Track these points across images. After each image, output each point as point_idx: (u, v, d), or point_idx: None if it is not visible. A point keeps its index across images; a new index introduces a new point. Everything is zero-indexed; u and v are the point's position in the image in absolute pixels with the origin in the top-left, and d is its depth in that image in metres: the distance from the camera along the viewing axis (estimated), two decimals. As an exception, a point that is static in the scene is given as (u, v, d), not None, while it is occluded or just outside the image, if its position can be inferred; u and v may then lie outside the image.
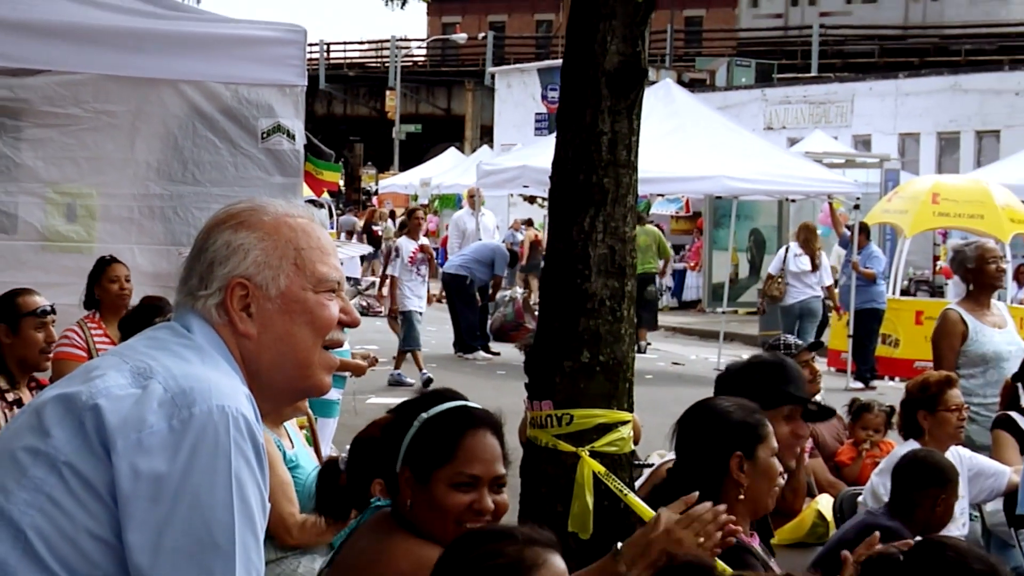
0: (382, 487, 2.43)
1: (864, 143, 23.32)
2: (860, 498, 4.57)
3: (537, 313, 4.49)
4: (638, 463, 4.68)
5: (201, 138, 5.55)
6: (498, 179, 13.75)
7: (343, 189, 25.88)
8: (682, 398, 3.80)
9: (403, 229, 12.66)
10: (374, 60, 42.29)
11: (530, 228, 19.36)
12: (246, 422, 1.61)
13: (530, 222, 19.78)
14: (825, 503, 5.01)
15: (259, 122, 5.59)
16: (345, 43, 47.39)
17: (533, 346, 4.28)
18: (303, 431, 4.36)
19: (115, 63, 5.31)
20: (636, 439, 4.44)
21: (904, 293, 14.54)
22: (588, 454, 4.00)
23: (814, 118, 24.16)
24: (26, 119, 5.34)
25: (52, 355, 4.44)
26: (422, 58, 43.12)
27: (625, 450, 4.13)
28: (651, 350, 14.33)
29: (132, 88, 5.46)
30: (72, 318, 5.10)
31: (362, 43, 44.78)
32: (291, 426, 4.03)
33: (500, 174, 13.64)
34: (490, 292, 13.98)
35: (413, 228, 12.03)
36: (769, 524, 3.19)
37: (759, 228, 18.86)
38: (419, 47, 43.30)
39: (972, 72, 23.48)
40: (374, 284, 16.36)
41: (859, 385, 11.75)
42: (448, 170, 26.27)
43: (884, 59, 30.53)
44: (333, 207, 16.77)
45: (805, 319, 12.24)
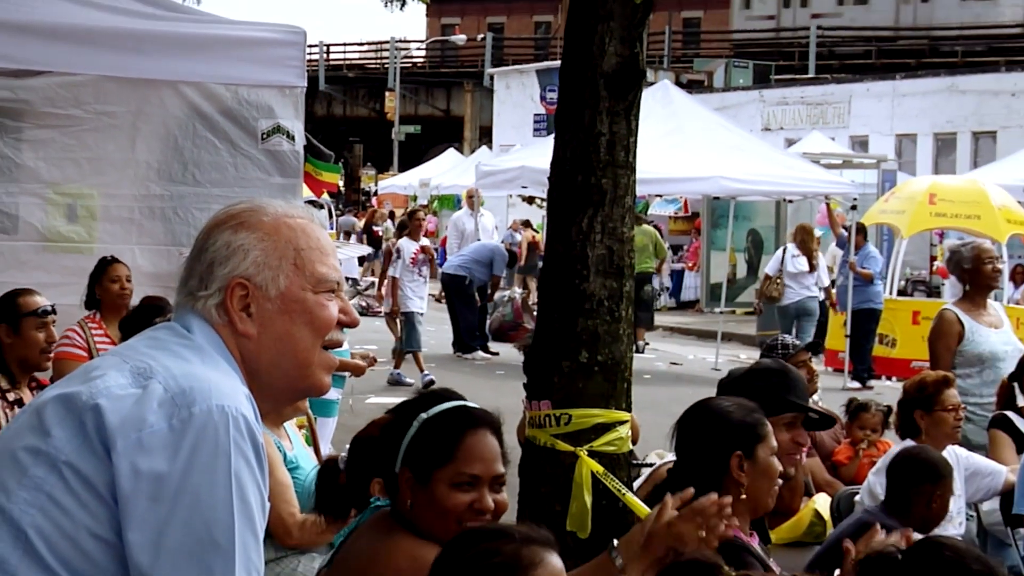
0: (381, 487, 2.43)
1: (861, 144, 23.33)
2: (857, 497, 4.58)
3: (536, 313, 4.49)
4: (636, 463, 4.69)
5: (201, 139, 5.54)
6: (497, 180, 13.76)
7: (342, 190, 25.85)
8: (680, 398, 3.81)
9: (402, 230, 12.65)
10: (373, 61, 42.26)
11: (527, 229, 19.36)
12: (246, 422, 1.62)
13: (528, 223, 19.78)
14: (822, 502, 5.01)
15: (259, 123, 5.58)
16: (345, 44, 47.57)
17: (532, 346, 4.28)
18: (302, 431, 4.36)
19: (115, 64, 5.31)
20: (634, 439, 4.45)
21: (901, 293, 14.54)
22: (586, 454, 4.01)
23: (811, 119, 24.17)
24: (27, 120, 5.33)
25: (53, 355, 4.45)
26: (421, 59, 43.09)
27: (623, 450, 4.14)
28: (649, 350, 14.34)
29: (132, 89, 5.44)
30: (73, 318, 5.10)
31: (361, 44, 44.77)
32: (291, 427, 4.03)
33: (499, 175, 13.65)
34: (488, 292, 13.99)
35: (414, 229, 12.01)
36: (765, 525, 3.21)
37: (757, 229, 18.88)
38: (418, 48, 43.30)
39: (969, 73, 23.49)
40: (373, 284, 16.35)
41: (856, 385, 11.76)
42: (447, 171, 26.25)
43: (880, 60, 30.56)
44: (332, 208, 16.78)
45: (802, 319, 12.29)
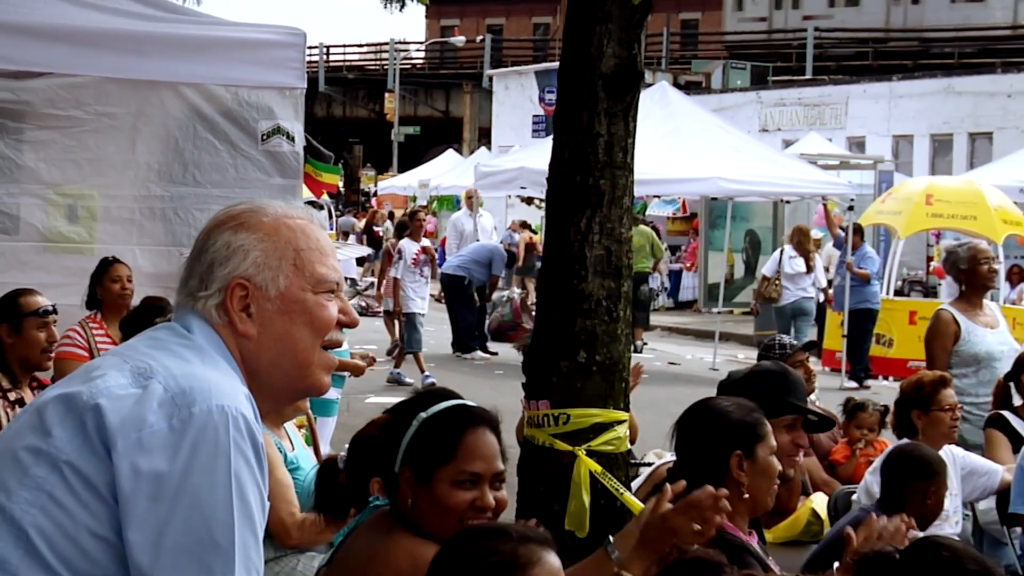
0: (380, 486, 2.43)
1: (858, 145, 23.34)
2: (854, 496, 4.59)
3: (534, 313, 4.51)
4: (634, 462, 4.70)
5: (201, 140, 5.55)
6: (496, 180, 13.78)
7: (342, 190, 25.86)
8: (678, 397, 3.84)
9: (400, 230, 12.66)
10: (373, 63, 42.24)
11: (524, 230, 19.39)
12: (245, 422, 1.62)
13: (525, 224, 19.81)
14: (819, 502, 5.02)
15: (259, 124, 5.59)
16: (344, 46, 47.54)
17: (530, 346, 4.29)
18: (302, 430, 4.37)
19: (116, 66, 5.31)
20: (632, 438, 4.46)
21: (898, 293, 14.58)
22: (585, 453, 4.03)
23: (809, 120, 24.20)
24: (28, 121, 5.33)
25: (54, 355, 4.46)
26: (421, 61, 43.06)
27: (621, 449, 4.15)
28: (647, 350, 14.36)
29: (133, 90, 5.45)
30: (73, 319, 5.11)
31: (361, 46, 44.78)
32: (291, 428, 4.03)
33: (498, 175, 13.68)
34: (487, 293, 14.00)
35: (415, 230, 12.03)
36: (760, 524, 3.22)
37: (754, 229, 18.92)
38: (418, 50, 43.25)
39: (965, 75, 23.51)
40: (373, 285, 16.37)
41: (853, 384, 11.79)
42: (446, 171, 26.24)
43: (877, 62, 30.60)
44: (332, 209, 16.79)
45: (798, 319, 12.33)
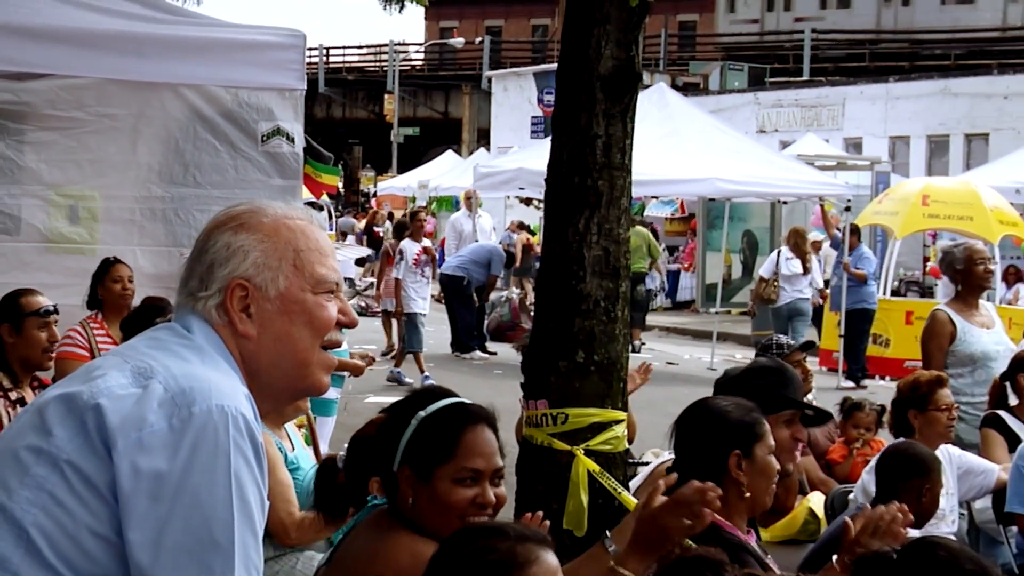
0: (379, 485, 2.44)
1: (855, 146, 23.39)
2: (851, 496, 4.61)
3: (533, 313, 4.53)
4: (632, 461, 4.72)
5: (202, 141, 5.57)
6: (494, 181, 13.82)
7: (342, 191, 25.85)
8: (676, 397, 3.87)
9: (398, 231, 12.69)
10: (373, 64, 42.25)
11: (522, 232, 19.42)
12: (245, 421, 1.62)
13: (523, 226, 19.84)
14: (817, 501, 5.03)
15: (259, 125, 5.61)
16: (344, 47, 47.59)
17: (529, 346, 4.31)
18: (302, 430, 4.39)
19: (117, 67, 5.33)
20: (630, 438, 4.48)
21: (894, 294, 14.61)
22: (583, 452, 4.04)
23: (806, 121, 24.24)
24: (29, 122, 5.35)
25: (55, 354, 4.48)
26: (420, 62, 43.07)
27: (619, 449, 4.17)
28: (645, 350, 14.38)
29: (134, 92, 5.47)
30: (74, 319, 5.12)
31: (361, 47, 44.86)
32: (291, 428, 4.04)
33: (496, 176, 13.71)
34: (485, 293, 14.02)
35: (416, 230, 12.05)
36: (756, 523, 3.24)
37: (752, 230, 18.94)
38: (417, 51, 43.25)
39: (961, 76, 23.55)
40: (372, 285, 16.39)
41: (850, 384, 11.82)
42: (445, 172, 26.24)
43: (874, 63, 30.64)
44: (332, 209, 16.80)
45: (795, 319, 12.36)
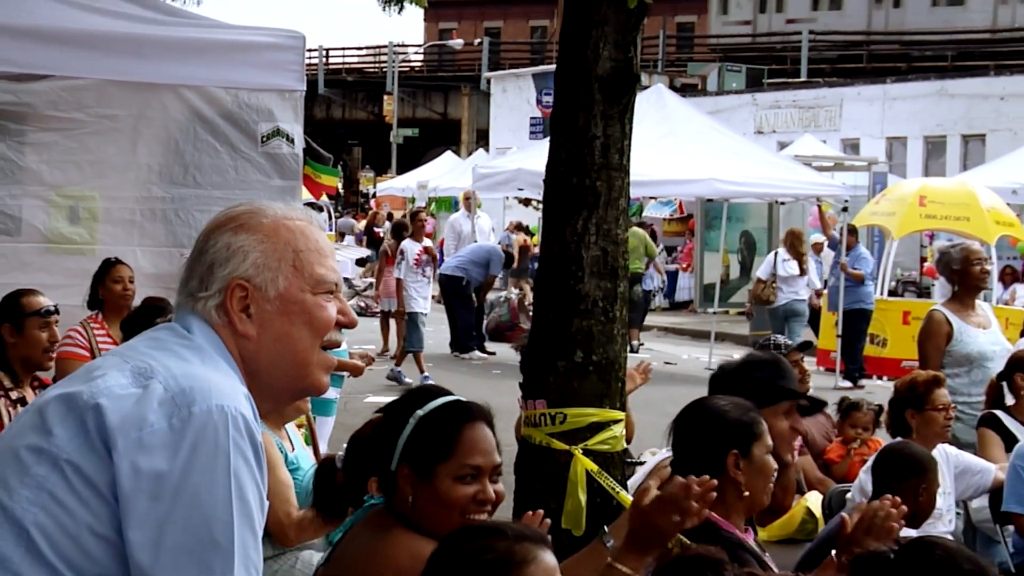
0: (377, 485, 2.45)
1: (852, 147, 23.43)
2: (848, 495, 4.63)
3: (532, 314, 4.55)
4: (630, 461, 4.74)
5: (202, 142, 5.58)
6: (493, 182, 13.83)
7: (341, 192, 25.85)
8: (674, 397, 3.88)
9: (396, 231, 12.71)
10: (372, 65, 42.25)
11: (519, 233, 19.43)
12: (245, 421, 1.63)
13: (520, 226, 19.85)
14: (814, 500, 5.05)
15: (259, 126, 5.62)
16: (344, 49, 47.59)
17: (528, 346, 4.33)
18: (301, 430, 4.40)
19: (117, 68, 5.34)
20: (629, 437, 4.50)
21: (892, 294, 14.63)
22: (581, 452, 4.07)
23: (803, 122, 24.28)
24: (30, 123, 5.36)
25: (55, 354, 4.49)
26: (419, 63, 43.07)
27: (617, 448, 4.19)
28: (644, 350, 14.42)
29: (134, 93, 5.48)
30: (75, 319, 5.12)
31: (360, 49, 44.89)
32: (291, 428, 4.05)
33: (495, 177, 13.73)
34: (481, 292, 14.03)
35: (417, 230, 12.09)
36: (754, 522, 3.26)
37: (749, 230, 18.97)
38: (416, 53, 43.25)
39: (958, 77, 23.59)
40: (372, 285, 16.41)
41: (848, 384, 11.84)
42: (444, 173, 26.23)
43: (871, 64, 30.68)
44: (331, 210, 16.79)
45: (791, 320, 12.40)
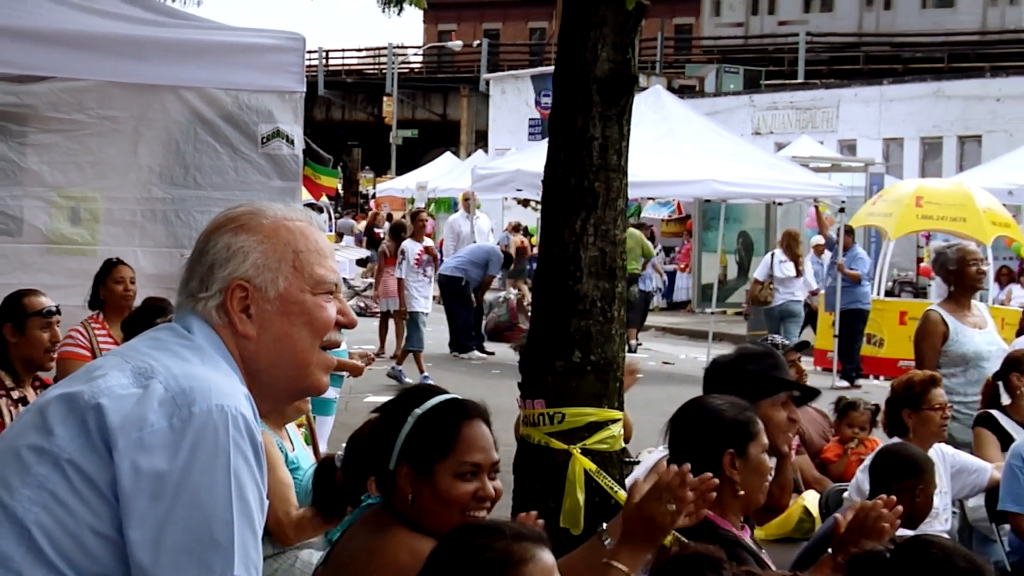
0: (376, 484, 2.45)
1: (849, 148, 23.45)
2: (845, 494, 4.65)
3: (530, 314, 4.56)
4: (629, 460, 4.76)
5: (202, 143, 5.60)
6: (492, 183, 13.84)
7: (341, 193, 25.83)
8: (672, 396, 3.89)
9: (394, 232, 12.74)
10: (372, 67, 42.24)
11: (516, 234, 19.45)
12: (245, 421, 1.63)
13: (518, 227, 19.85)
14: (811, 499, 5.07)
15: (259, 127, 5.64)
16: (343, 50, 47.56)
17: (526, 346, 4.34)
18: (301, 429, 4.42)
19: (118, 70, 5.36)
20: (627, 437, 4.51)
21: (888, 294, 14.64)
22: (579, 452, 4.08)
23: (800, 123, 24.31)
24: (31, 124, 5.38)
25: (56, 355, 4.50)
26: (418, 65, 43.07)
27: (616, 448, 4.21)
28: (642, 350, 14.46)
29: (135, 94, 5.50)
30: (76, 319, 5.14)
31: (360, 50, 44.85)
32: (291, 427, 4.06)
33: (494, 178, 13.74)
34: (479, 293, 14.05)
35: (417, 230, 12.11)
36: (751, 520, 3.28)
37: (747, 231, 18.98)
38: (415, 54, 43.26)
39: (954, 79, 23.62)
40: (371, 285, 16.42)
41: (845, 384, 11.86)
42: (444, 174, 26.22)
43: (868, 66, 30.74)
44: (331, 211, 16.77)
45: (787, 320, 12.44)
